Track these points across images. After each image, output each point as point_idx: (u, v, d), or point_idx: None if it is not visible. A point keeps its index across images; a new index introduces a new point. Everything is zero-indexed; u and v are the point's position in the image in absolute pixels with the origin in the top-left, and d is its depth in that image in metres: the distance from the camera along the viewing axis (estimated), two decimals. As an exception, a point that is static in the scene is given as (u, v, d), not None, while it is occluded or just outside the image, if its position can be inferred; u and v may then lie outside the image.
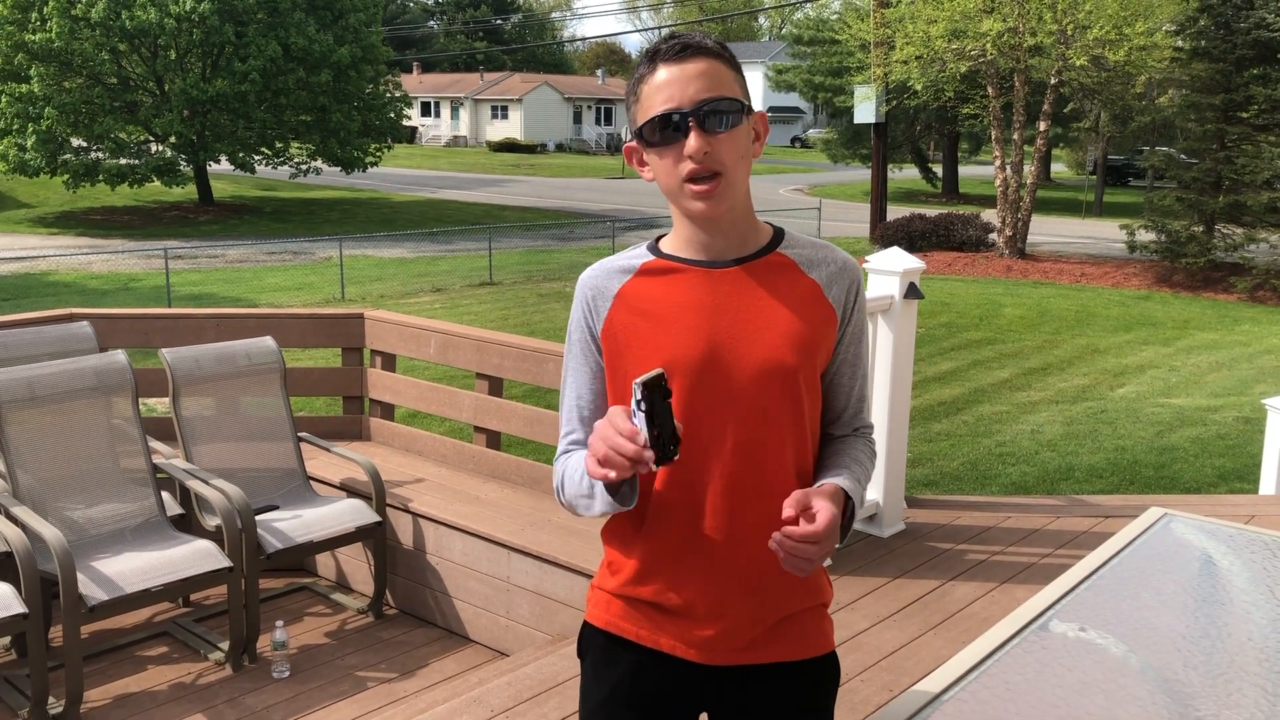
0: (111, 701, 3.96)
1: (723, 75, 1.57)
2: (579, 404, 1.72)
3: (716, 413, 1.61)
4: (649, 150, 1.60)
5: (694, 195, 1.57)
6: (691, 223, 1.63)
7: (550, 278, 18.86)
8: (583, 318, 1.69)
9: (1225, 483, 8.28)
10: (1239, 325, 15.83)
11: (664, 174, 1.60)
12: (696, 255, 1.65)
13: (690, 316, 1.62)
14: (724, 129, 1.55)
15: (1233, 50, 20.11)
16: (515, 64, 69.58)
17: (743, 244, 1.65)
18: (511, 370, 5.03)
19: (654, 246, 1.70)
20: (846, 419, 1.76)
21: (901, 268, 4.46)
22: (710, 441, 1.61)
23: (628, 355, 1.64)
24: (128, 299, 16.41)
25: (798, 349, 1.62)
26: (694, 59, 1.56)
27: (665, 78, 1.56)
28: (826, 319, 1.66)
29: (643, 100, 1.59)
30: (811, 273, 1.67)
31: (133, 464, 4.36)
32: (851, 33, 22.76)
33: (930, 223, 22.56)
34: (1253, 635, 1.82)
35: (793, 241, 1.69)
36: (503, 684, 3.39)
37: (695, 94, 1.54)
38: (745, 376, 1.61)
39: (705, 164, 1.55)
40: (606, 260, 1.71)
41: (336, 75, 27.90)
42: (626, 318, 1.64)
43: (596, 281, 1.69)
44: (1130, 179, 40.66)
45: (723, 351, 1.60)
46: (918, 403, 10.52)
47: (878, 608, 3.94)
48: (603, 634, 1.74)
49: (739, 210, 1.63)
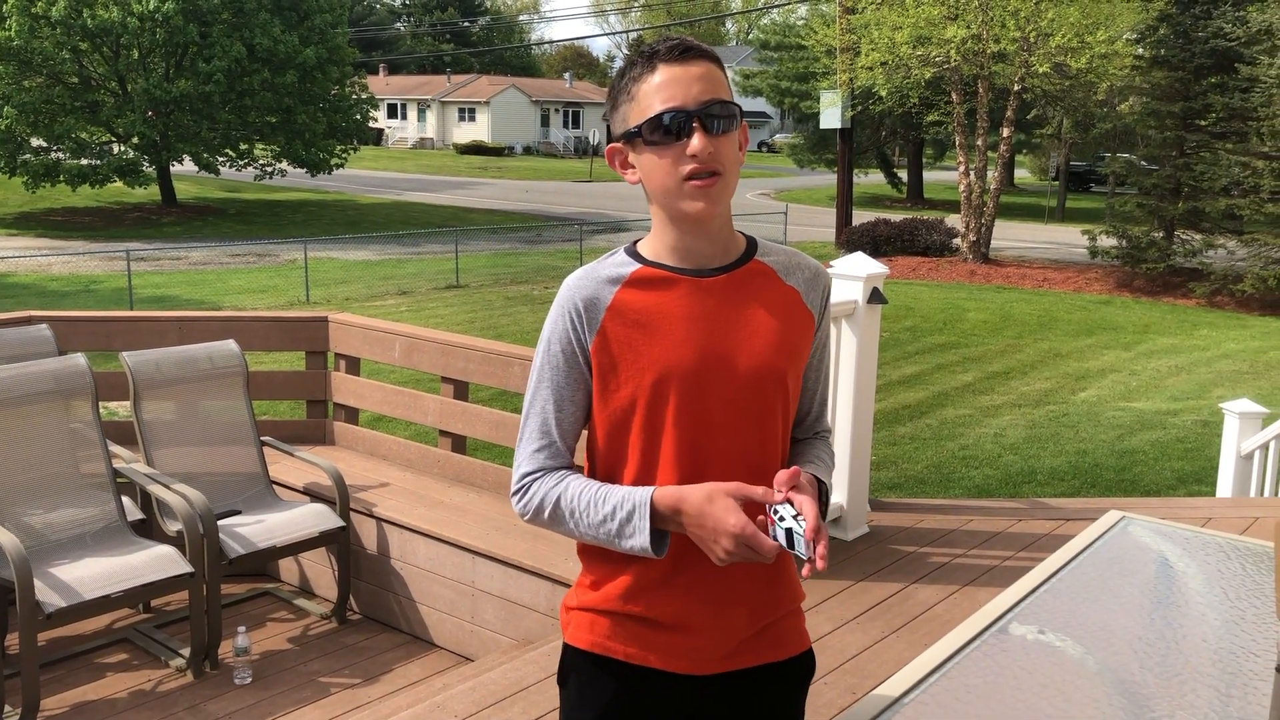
0: (69, 710, 3.91)
1: (720, 79, 1.58)
2: (557, 417, 1.65)
3: (715, 424, 1.60)
4: (647, 150, 1.57)
5: (695, 192, 1.55)
6: (679, 228, 1.61)
7: (518, 281, 18.82)
8: (569, 330, 1.62)
9: (1184, 485, 8.40)
10: (1198, 330, 16.05)
11: (662, 174, 1.57)
12: (683, 263, 1.63)
13: (683, 327, 1.60)
14: (723, 131, 1.56)
15: (1192, 59, 20.41)
16: (483, 66, 69.39)
17: (725, 251, 1.65)
18: (477, 374, 5.01)
19: (634, 253, 1.66)
20: (809, 423, 1.79)
21: (865, 273, 4.49)
22: (711, 453, 1.61)
23: (621, 369, 1.61)
24: (89, 301, 16.20)
25: (786, 355, 1.64)
26: (695, 61, 1.56)
27: (666, 78, 1.55)
28: (806, 326, 1.68)
29: (639, 100, 1.57)
30: (789, 280, 1.68)
31: (92, 468, 4.31)
32: (817, 38, 22.89)
33: (895, 228, 22.73)
34: (1207, 637, 1.84)
35: (766, 249, 1.70)
36: (466, 689, 3.38)
37: (699, 94, 1.54)
38: (740, 385, 1.61)
39: (708, 164, 1.54)
40: (591, 268, 1.65)
41: (302, 76, 27.69)
42: (620, 330, 1.60)
43: (586, 292, 1.62)
44: (1092, 185, 41.14)
45: (717, 361, 1.60)
46: (882, 406, 10.59)
47: (842, 611, 3.96)
48: (588, 656, 1.70)
49: (725, 216, 1.63)
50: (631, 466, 1.63)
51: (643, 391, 1.60)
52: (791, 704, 1.75)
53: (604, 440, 1.66)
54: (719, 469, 1.61)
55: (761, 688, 1.70)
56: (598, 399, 1.64)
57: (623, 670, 1.66)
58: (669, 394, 1.59)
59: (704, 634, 1.64)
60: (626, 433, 1.62)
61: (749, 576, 1.66)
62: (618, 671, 1.67)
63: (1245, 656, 1.77)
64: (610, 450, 1.65)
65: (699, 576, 1.63)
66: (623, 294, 1.61)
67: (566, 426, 1.66)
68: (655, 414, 1.60)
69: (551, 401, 1.65)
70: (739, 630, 1.66)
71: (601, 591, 1.68)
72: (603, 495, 1.59)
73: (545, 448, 1.66)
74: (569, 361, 1.63)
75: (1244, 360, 13.63)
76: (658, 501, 1.54)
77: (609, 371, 1.61)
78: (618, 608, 1.66)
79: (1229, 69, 19.65)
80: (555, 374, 1.65)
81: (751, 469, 1.62)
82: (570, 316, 1.62)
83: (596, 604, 1.68)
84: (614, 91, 1.62)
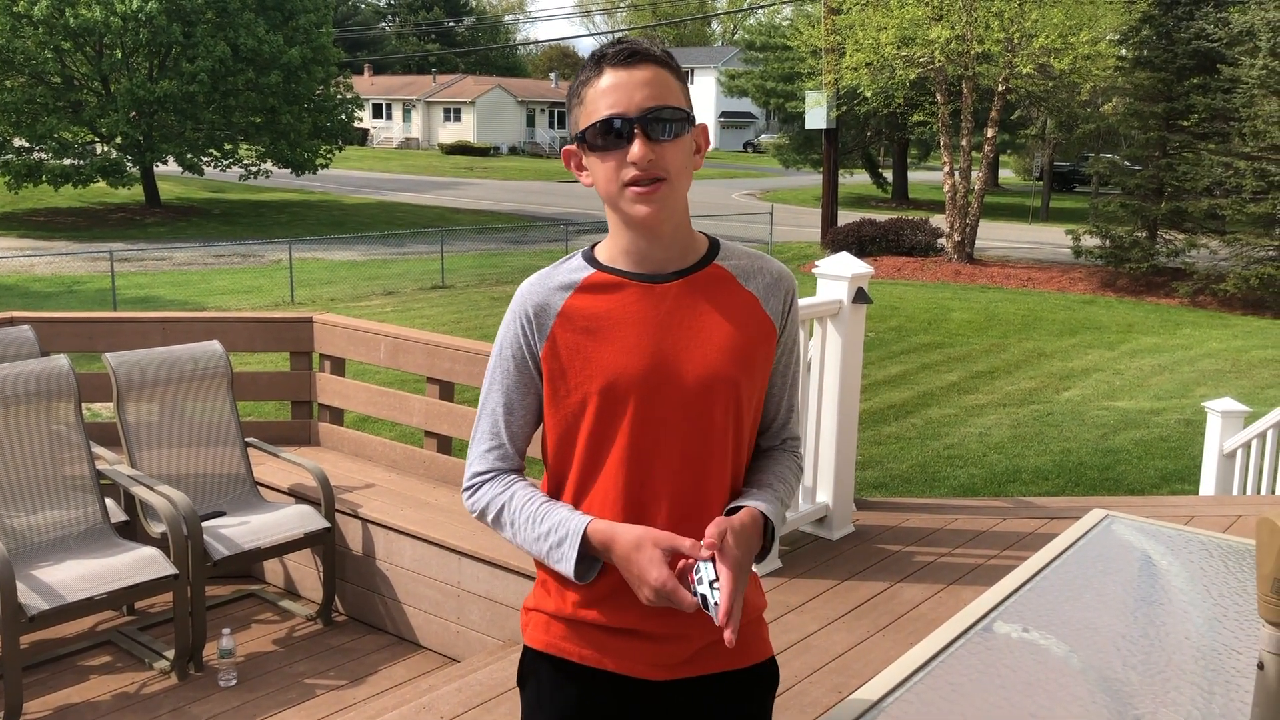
0: (52, 713, 3.89)
1: (669, 84, 1.56)
2: (506, 419, 1.68)
3: (664, 430, 1.59)
4: (591, 154, 1.58)
5: (636, 198, 1.54)
6: (631, 231, 1.60)
7: (503, 281, 18.80)
8: (519, 336, 1.64)
9: (1167, 484, 8.44)
10: (1180, 329, 16.15)
11: (605, 179, 1.56)
12: (636, 268, 1.62)
13: (633, 333, 1.59)
14: (668, 137, 1.54)
15: (1174, 60, 20.53)
16: (468, 66, 69.31)
17: (682, 256, 1.63)
18: (463, 374, 5.00)
19: (591, 257, 1.65)
20: (775, 429, 1.77)
21: (850, 273, 4.50)
22: (658, 459, 1.60)
23: (570, 375, 1.60)
24: (72, 302, 16.12)
25: (738, 362, 1.62)
26: (641, 65, 1.55)
27: (611, 83, 1.54)
28: (766, 334, 1.66)
29: (586, 104, 1.56)
30: (749, 284, 1.66)
31: (75, 470, 4.28)
32: (803, 39, 22.93)
33: (880, 228, 22.79)
34: (1190, 634, 1.85)
35: (729, 252, 1.68)
36: (452, 690, 3.37)
37: (641, 101, 1.53)
38: (690, 391, 1.59)
39: (649, 170, 1.53)
40: (543, 274, 1.66)
41: (287, 76, 27.59)
42: (569, 337, 1.60)
43: (537, 298, 1.63)
44: (1076, 185, 41.33)
45: (666, 367, 1.59)
46: (867, 406, 10.62)
47: (827, 610, 3.96)
48: (545, 658, 1.69)
49: (678, 220, 1.61)
50: (576, 471, 1.63)
51: (591, 398, 1.59)
52: (753, 713, 1.72)
53: (553, 444, 1.67)
54: (664, 477, 1.59)
55: (720, 695, 1.68)
56: (548, 404, 1.65)
57: (579, 673, 1.65)
58: (616, 400, 1.58)
59: (660, 640, 1.62)
60: (574, 438, 1.63)
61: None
62: (574, 674, 1.66)
63: (1228, 654, 1.78)
64: (559, 454, 1.66)
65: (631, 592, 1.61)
66: (573, 300, 1.61)
67: (515, 429, 1.69)
68: (602, 420, 1.59)
69: (502, 405, 1.68)
70: (696, 637, 1.64)
71: (557, 595, 1.68)
72: (542, 513, 1.61)
73: (495, 449, 1.69)
74: (519, 367, 1.65)
75: (1226, 359, 13.71)
76: (590, 534, 1.56)
77: (558, 377, 1.62)
78: (572, 614, 1.66)
79: (1211, 70, 19.78)
80: (506, 378, 1.67)
81: (700, 479, 1.61)
82: (521, 322, 1.63)
83: (553, 608, 1.68)
84: (569, 94, 1.62)
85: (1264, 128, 18.24)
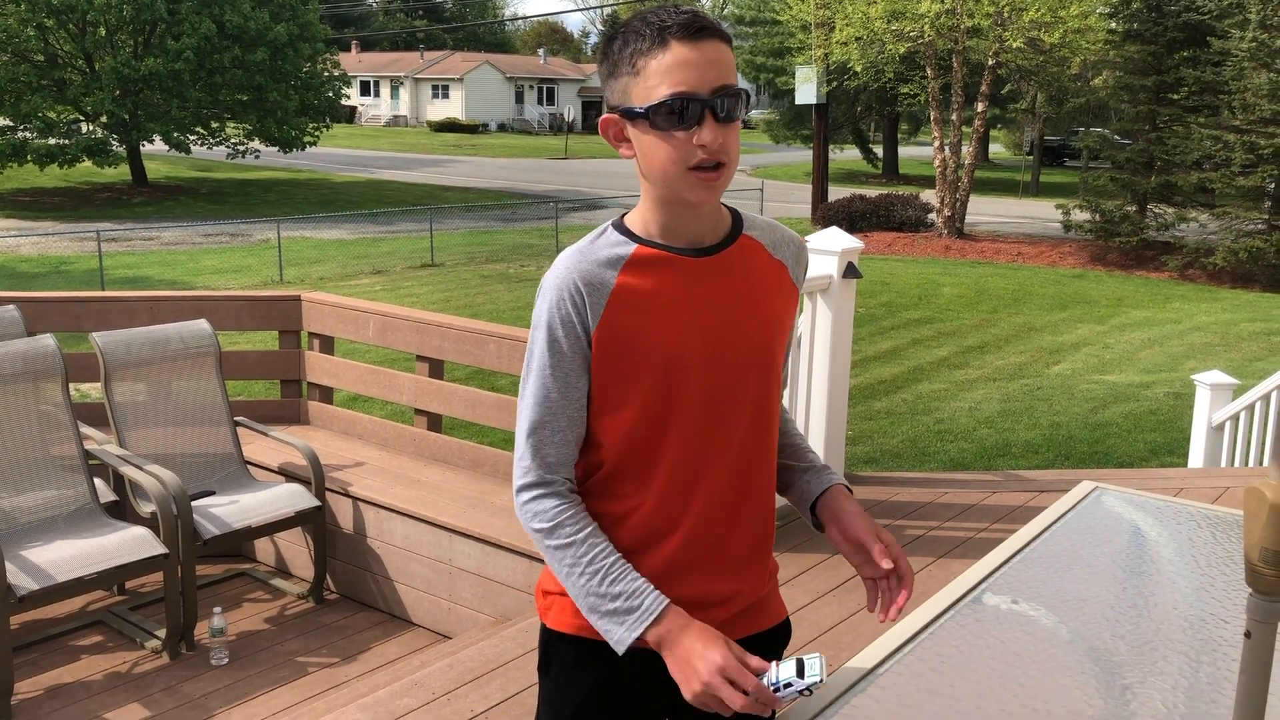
0: (43, 693, 3.89)
1: (732, 63, 1.50)
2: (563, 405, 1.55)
3: (723, 407, 1.56)
4: (652, 132, 1.48)
5: (700, 182, 1.48)
6: (672, 210, 1.55)
7: (493, 259, 18.73)
8: (571, 314, 1.51)
9: (1156, 457, 8.48)
10: (1170, 303, 16.19)
11: (666, 159, 1.48)
12: (677, 242, 1.56)
13: (684, 310, 1.54)
14: (733, 120, 1.48)
15: (1164, 33, 20.50)
16: (456, 43, 68.87)
17: (715, 227, 1.60)
18: (452, 352, 4.99)
19: (627, 230, 1.57)
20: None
21: (840, 247, 4.49)
22: (717, 437, 1.57)
23: (626, 355, 1.52)
24: (59, 282, 16.03)
25: (778, 331, 1.62)
26: (710, 41, 1.46)
27: (678, 58, 1.44)
28: (791, 299, 1.67)
29: (646, 76, 1.46)
30: (777, 254, 1.65)
31: (63, 450, 4.27)
32: (792, 14, 22.84)
33: (870, 203, 22.77)
34: (1177, 604, 1.86)
35: (752, 222, 1.65)
36: (444, 666, 3.38)
37: (714, 80, 1.45)
38: (743, 365, 1.57)
39: (716, 155, 1.47)
40: (580, 250, 1.56)
41: (273, 54, 27.38)
42: (623, 316, 1.52)
43: (585, 275, 1.52)
44: (1066, 159, 41.33)
45: (718, 343, 1.56)
46: (858, 381, 10.63)
47: (817, 583, 3.98)
48: (570, 640, 1.65)
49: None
50: (626, 450, 1.57)
51: (647, 377, 1.53)
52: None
53: (602, 424, 1.59)
54: (724, 455, 1.58)
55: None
56: (598, 384, 1.56)
57: (608, 652, 1.57)
58: (674, 379, 1.54)
59: (697, 613, 1.58)
60: (628, 417, 1.56)
61: (749, 553, 1.65)
62: (603, 654, 1.60)
63: (1215, 624, 1.79)
64: (609, 433, 1.58)
65: (700, 558, 1.60)
66: (624, 277, 1.53)
67: (574, 415, 1.57)
68: (659, 400, 1.54)
69: (557, 391, 1.55)
70: (727, 605, 1.65)
71: None
72: (615, 573, 1.52)
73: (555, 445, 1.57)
74: (574, 347, 1.53)
75: (1215, 333, 13.75)
76: (663, 617, 1.50)
77: (613, 359, 1.53)
78: None
79: (1201, 43, 19.76)
80: (560, 360, 1.54)
81: (755, 453, 1.61)
82: (571, 299, 1.52)
83: None
84: (612, 59, 1.51)
85: (1253, 101, 18.25)
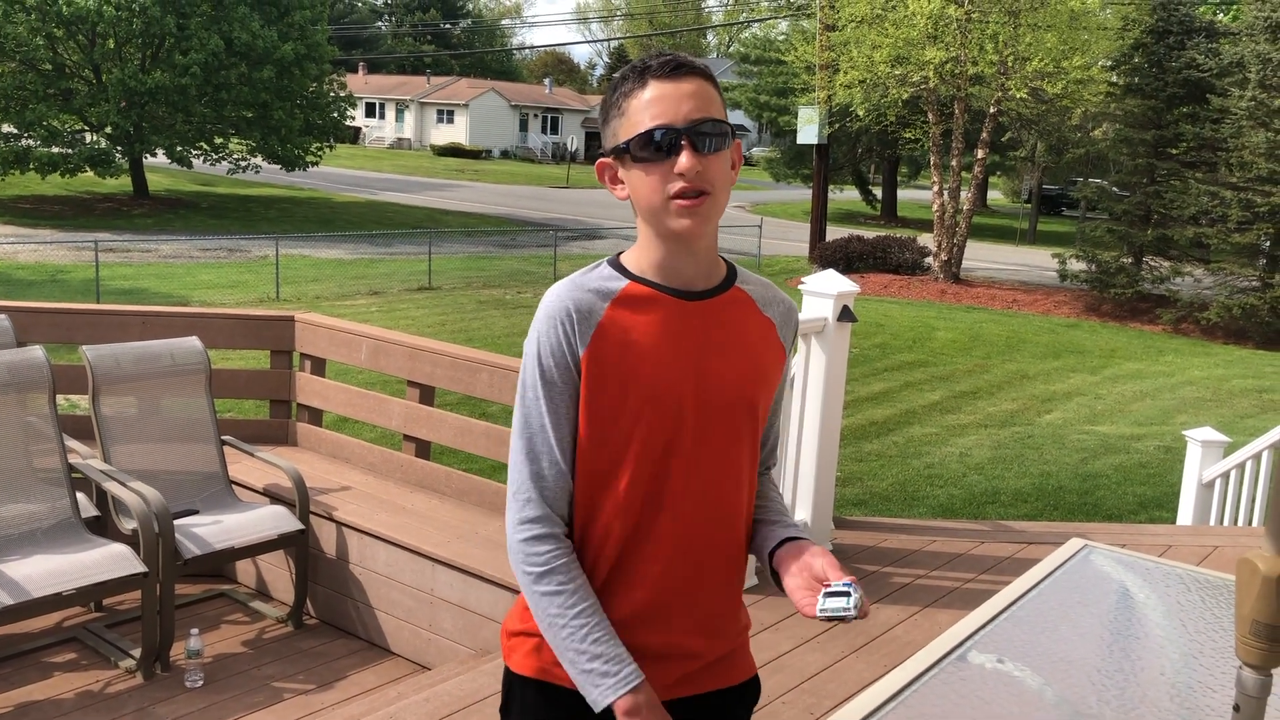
0: (14, 710, 3.83)
1: (712, 97, 1.55)
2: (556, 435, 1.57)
3: (687, 447, 1.58)
4: (635, 166, 1.54)
5: (681, 210, 1.52)
6: (666, 246, 1.58)
7: (490, 284, 18.74)
8: (561, 340, 1.54)
9: (1145, 510, 8.46)
10: (1163, 356, 16.22)
11: (649, 191, 1.53)
12: (669, 282, 1.59)
13: (669, 350, 1.57)
14: (714, 150, 1.53)
15: (1164, 88, 20.68)
16: (463, 69, 69.25)
17: (709, 275, 1.62)
18: (443, 379, 4.97)
19: (620, 267, 1.61)
20: (764, 455, 1.79)
21: (835, 290, 4.49)
22: (689, 481, 1.59)
23: (607, 386, 1.55)
24: (56, 291, 16.00)
25: (760, 383, 1.64)
26: (686, 78, 1.53)
27: (656, 94, 1.52)
28: (778, 359, 1.68)
29: (629, 115, 1.54)
30: (766, 310, 1.68)
31: (47, 463, 4.23)
32: (797, 54, 23.02)
33: (868, 244, 22.84)
34: (1165, 669, 1.84)
35: (745, 277, 1.69)
36: (420, 700, 3.33)
37: (689, 112, 1.51)
38: (718, 410, 1.59)
39: (695, 183, 1.51)
40: (574, 281, 1.59)
41: (280, 72, 27.49)
42: (609, 348, 1.55)
43: (576, 302, 1.55)
44: (1063, 209, 41.54)
45: (698, 387, 1.58)
46: (849, 422, 10.62)
47: (801, 629, 3.94)
48: (533, 684, 1.65)
49: (711, 237, 1.61)
50: (598, 482, 1.59)
51: (624, 412, 1.56)
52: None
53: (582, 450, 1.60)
54: (682, 494, 1.59)
55: (712, 713, 1.69)
56: (582, 417, 1.58)
57: (570, 698, 1.58)
58: (648, 415, 1.56)
59: (657, 662, 1.60)
60: (607, 446, 1.58)
61: (707, 609, 1.64)
62: (565, 699, 1.60)
63: (1203, 691, 1.77)
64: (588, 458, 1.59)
65: (667, 605, 1.60)
66: (613, 311, 1.57)
67: (566, 445, 1.58)
68: (631, 433, 1.56)
69: (550, 422, 1.57)
70: (694, 659, 1.64)
71: None
72: (601, 634, 1.54)
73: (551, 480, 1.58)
74: (564, 375, 1.56)
75: (1207, 387, 13.77)
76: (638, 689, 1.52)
77: (596, 385, 1.56)
78: None
79: (1201, 99, 19.93)
80: (551, 390, 1.56)
81: (725, 502, 1.62)
82: (562, 325, 1.55)
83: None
84: (606, 106, 1.59)
85: (1251, 159, 18.38)
